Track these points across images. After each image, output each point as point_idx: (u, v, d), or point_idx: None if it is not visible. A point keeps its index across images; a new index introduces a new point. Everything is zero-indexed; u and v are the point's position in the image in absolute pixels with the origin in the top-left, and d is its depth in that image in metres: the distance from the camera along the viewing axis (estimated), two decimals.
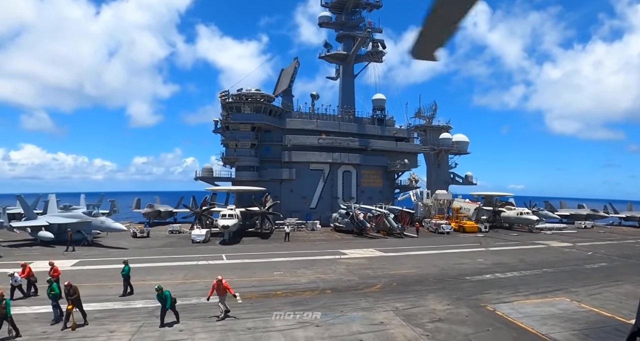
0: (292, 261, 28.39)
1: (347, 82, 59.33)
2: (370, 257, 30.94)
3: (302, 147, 52.29)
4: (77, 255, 30.79)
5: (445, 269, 27.17)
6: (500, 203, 55.68)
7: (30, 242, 37.42)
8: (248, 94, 49.85)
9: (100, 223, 35.03)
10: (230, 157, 50.63)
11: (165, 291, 15.36)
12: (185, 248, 34.38)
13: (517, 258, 32.28)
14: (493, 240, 42.54)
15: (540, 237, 46.39)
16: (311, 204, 53.62)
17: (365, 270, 26.16)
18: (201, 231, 37.51)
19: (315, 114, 54.74)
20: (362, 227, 42.30)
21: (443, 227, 47.51)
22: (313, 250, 33.95)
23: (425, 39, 2.81)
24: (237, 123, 50.29)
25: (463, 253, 34.19)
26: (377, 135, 56.54)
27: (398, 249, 34.84)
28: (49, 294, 16.16)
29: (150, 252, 32.16)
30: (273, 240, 40.10)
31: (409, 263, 28.72)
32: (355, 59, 59.47)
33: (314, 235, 44.81)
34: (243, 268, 25.52)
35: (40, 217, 39.88)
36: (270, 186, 50.40)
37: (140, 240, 39.19)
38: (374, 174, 56.52)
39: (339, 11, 60.65)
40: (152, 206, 54.70)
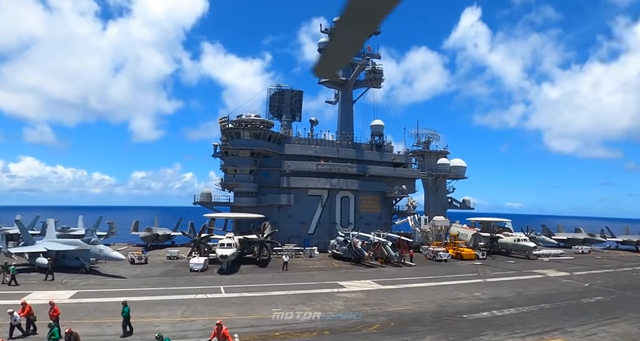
0: (290, 295, 28.44)
1: (346, 108, 60.29)
2: (368, 291, 31.01)
3: (301, 173, 52.76)
4: (74, 286, 30.74)
5: (443, 305, 27.29)
6: (498, 229, 55.96)
7: (27, 268, 37.36)
8: (248, 120, 50.58)
9: (98, 252, 35.10)
10: (229, 182, 50.99)
11: (165, 339, 15.51)
12: (183, 278, 34.36)
13: (515, 291, 32.44)
14: (490, 269, 42.64)
15: (538, 265, 46.54)
16: (309, 230, 53.78)
17: (363, 306, 26.25)
18: (199, 260, 37.55)
19: (314, 140, 55.44)
20: (360, 255, 42.40)
21: (441, 255, 47.65)
22: (311, 281, 34.00)
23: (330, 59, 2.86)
24: (236, 149, 50.86)
25: (460, 285, 34.30)
26: (376, 161, 57.14)
27: (396, 281, 34.91)
28: (49, 339, 16.27)
29: (148, 283, 32.12)
30: (271, 268, 40.11)
31: (406, 299, 28.83)
32: (354, 84, 60.53)
33: (312, 262, 44.81)
34: (241, 304, 25.59)
35: (38, 242, 39.86)
36: (269, 211, 50.64)
37: (138, 267, 39.16)
38: (372, 200, 56.90)
39: None
40: (150, 229, 54.71)
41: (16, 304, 24.64)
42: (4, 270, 31.68)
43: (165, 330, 19.90)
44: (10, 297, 27.02)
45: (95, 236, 42.16)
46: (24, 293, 27.89)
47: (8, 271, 31.27)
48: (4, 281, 31.18)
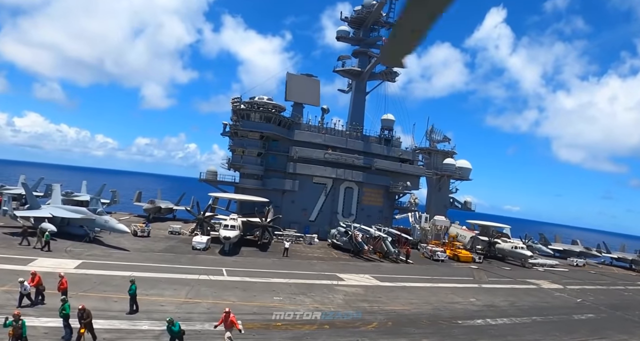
0: (291, 284, 28.91)
1: (359, 99, 59.94)
2: (367, 286, 31.50)
3: (308, 160, 52.85)
4: (79, 255, 31.17)
5: (439, 308, 27.81)
6: (497, 234, 56.45)
7: (31, 232, 37.76)
8: (260, 103, 50.37)
9: (104, 222, 35.43)
10: (237, 163, 51.13)
11: (175, 324, 15.88)
12: (186, 256, 34.81)
13: (509, 300, 32.96)
14: (486, 274, 43.22)
15: (532, 274, 47.14)
16: (311, 217, 54.23)
17: (362, 302, 26.76)
18: (202, 238, 37.98)
19: (324, 128, 55.30)
20: (359, 248, 42.90)
21: (438, 255, 48.21)
22: (311, 271, 34.49)
23: (395, 47, 2.88)
24: (246, 131, 50.78)
25: (456, 289, 34.81)
26: (383, 154, 57.17)
27: (393, 278, 35.40)
28: (61, 313, 16.63)
29: (151, 258, 32.59)
30: (271, 253, 40.61)
31: (403, 298, 29.34)
32: (369, 76, 59.97)
33: (312, 250, 45.35)
34: (244, 289, 26.04)
35: (44, 207, 40.12)
36: (272, 196, 50.94)
37: (141, 241, 39.61)
38: (375, 193, 57.19)
39: (358, 27, 61.13)
40: (153, 202, 55.08)
41: (23, 270, 25.27)
42: (40, 234, 32.13)
43: (170, 311, 20.37)
44: (17, 262, 27.45)
45: (100, 205, 42.47)
46: (30, 259, 28.37)
47: (42, 237, 31.65)
48: (36, 246, 31.68)
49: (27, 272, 25.05)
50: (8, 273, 24.67)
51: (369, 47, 60.56)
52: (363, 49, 60.31)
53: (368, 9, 58.35)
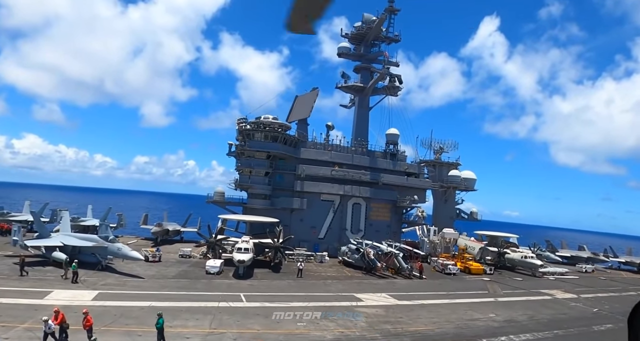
0: (311, 307, 28.65)
1: (362, 114, 60.34)
2: (386, 306, 31.29)
3: (315, 178, 52.87)
4: (93, 284, 30.83)
5: (461, 326, 27.66)
6: (506, 244, 56.39)
7: (41, 260, 37.36)
8: (266, 123, 50.60)
9: (116, 250, 35.11)
10: (244, 184, 51.09)
11: None
12: (201, 281, 34.51)
13: (527, 314, 32.81)
14: (500, 287, 43.04)
15: (544, 284, 46.98)
16: (319, 234, 54.00)
17: (385, 324, 26.54)
18: (215, 262, 37.67)
19: (329, 145, 55.51)
20: (372, 265, 42.70)
21: (450, 268, 48.04)
22: (328, 292, 34.21)
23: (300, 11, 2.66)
24: (252, 151, 50.88)
25: (474, 304, 34.63)
26: (389, 169, 57.31)
27: (410, 296, 35.19)
28: None
29: (167, 285, 32.26)
30: (285, 274, 40.30)
31: (424, 317, 29.13)
32: (371, 91, 60.45)
33: (324, 269, 45.08)
34: (266, 315, 25.77)
35: (54, 235, 39.82)
36: (281, 214, 50.79)
37: (153, 266, 39.22)
38: (383, 208, 57.16)
39: (358, 43, 61.88)
40: (160, 225, 54.75)
41: (40, 304, 24.98)
42: (66, 265, 31.93)
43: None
44: (33, 295, 27.06)
45: (110, 232, 42.14)
46: (46, 292, 28.01)
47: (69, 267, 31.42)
48: (64, 277, 31.45)
49: (45, 306, 24.87)
50: (27, 309, 24.33)
51: (371, 63, 61.24)
52: (364, 64, 60.95)
53: (368, 24, 59.15)
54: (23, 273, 31.87)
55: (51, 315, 19.87)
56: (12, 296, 26.31)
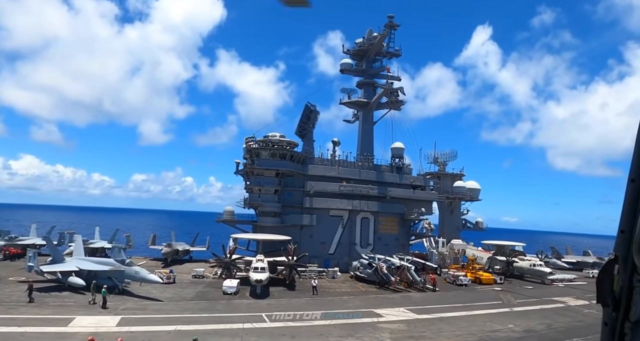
0: (335, 325, 28.89)
1: (367, 129, 61.24)
2: (407, 321, 31.53)
3: (324, 194, 53.38)
4: (115, 310, 30.80)
5: (484, 339, 28.01)
6: (513, 252, 56.89)
7: (55, 286, 37.20)
8: (274, 141, 51.28)
9: (134, 274, 35.17)
10: (255, 202, 51.47)
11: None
12: (220, 302, 34.61)
13: (544, 322, 33.19)
14: (512, 296, 43.39)
15: (555, 291, 47.35)
16: (330, 250, 54.23)
17: (409, 339, 26.87)
18: (232, 282, 37.81)
19: (336, 161, 56.19)
20: (386, 280, 42.96)
21: (461, 279, 48.38)
22: (347, 309, 34.31)
23: None
24: (261, 169, 51.42)
25: (491, 315, 34.99)
26: (395, 183, 57.97)
27: (428, 309, 35.42)
28: None
29: (188, 308, 32.35)
30: (300, 291, 40.42)
31: (446, 331, 29.42)
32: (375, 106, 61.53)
33: (337, 285, 45.24)
34: (292, 336, 25.96)
35: (68, 260, 39.78)
36: (291, 231, 51.08)
37: (169, 288, 39.17)
38: (391, 221, 57.61)
39: (360, 59, 63.16)
40: (170, 245, 54.78)
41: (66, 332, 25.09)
42: (94, 290, 31.97)
43: None
44: (57, 323, 26.99)
45: (124, 255, 42.18)
46: (69, 319, 27.94)
47: (98, 292, 31.57)
48: (91, 302, 31.52)
49: (71, 334, 25.00)
50: (54, 337, 24.39)
51: (373, 78, 62.43)
52: (367, 80, 62.12)
53: (369, 40, 60.48)
54: (30, 299, 31.60)
55: None
56: (37, 325, 26.18)
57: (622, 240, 2.16)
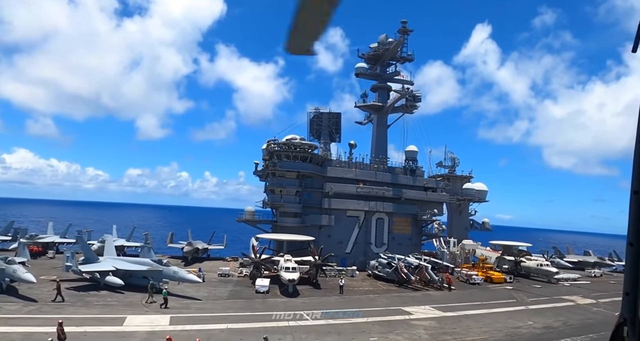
0: (371, 322, 30.78)
1: (381, 132, 63.13)
2: (436, 318, 33.54)
3: (341, 195, 55.20)
4: (159, 309, 31.94)
5: (510, 335, 30.13)
6: (521, 252, 59.36)
7: (89, 284, 38.24)
8: (297, 144, 52.90)
9: (173, 273, 36.39)
10: (277, 203, 53.11)
11: None
12: (255, 300, 36.25)
13: (560, 320, 35.43)
14: (525, 295, 45.75)
15: (562, 291, 49.81)
16: (346, 249, 56.13)
17: (444, 335, 28.85)
18: (264, 281, 39.41)
19: (353, 163, 58.05)
20: (407, 279, 44.97)
21: (474, 278, 50.64)
22: (376, 307, 36.19)
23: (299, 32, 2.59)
24: (283, 171, 53.02)
25: (510, 312, 37.19)
26: (409, 185, 60.02)
27: (451, 307, 37.51)
28: None
29: (228, 306, 33.81)
30: (327, 290, 42.21)
31: (474, 327, 31.48)
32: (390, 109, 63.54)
33: (358, 283, 47.13)
34: (338, 333, 27.75)
35: (101, 259, 40.88)
36: (310, 231, 52.85)
37: (202, 287, 40.45)
38: (404, 222, 59.70)
39: (374, 63, 64.87)
40: (191, 244, 56.25)
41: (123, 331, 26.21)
42: (151, 290, 33.22)
43: None
44: (111, 322, 27.82)
45: (153, 254, 43.50)
46: (120, 318, 29.11)
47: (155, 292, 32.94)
48: (148, 302, 32.81)
49: (130, 333, 26.15)
50: (114, 337, 25.37)
51: (386, 82, 64.24)
52: (381, 84, 63.92)
53: (384, 46, 62.17)
54: (62, 298, 32.19)
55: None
56: (93, 324, 27.07)
57: (628, 303, 2.12)
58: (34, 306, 30.79)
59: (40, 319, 27.66)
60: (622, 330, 2.16)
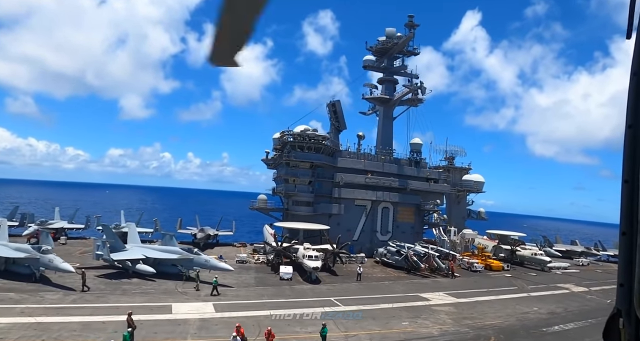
0: (397, 308, 33.30)
1: (387, 125, 65.11)
2: (453, 304, 36.38)
3: (351, 185, 57.30)
4: (196, 296, 33.47)
5: (521, 319, 33.15)
6: (516, 242, 63.14)
7: (115, 272, 39.13)
8: (311, 136, 54.37)
9: (204, 262, 37.71)
10: (290, 192, 54.84)
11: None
12: (283, 287, 38.22)
13: (560, 306, 38.70)
14: (525, 283, 49.29)
15: (556, 279, 53.59)
16: (354, 237, 58.58)
17: (465, 319, 31.62)
18: (288, 269, 41.33)
19: (362, 154, 60.06)
20: (416, 266, 47.78)
21: (475, 266, 53.99)
22: (395, 293, 38.81)
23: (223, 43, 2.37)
24: (297, 161, 54.57)
25: (515, 299, 40.41)
26: (413, 176, 62.57)
27: (463, 294, 40.43)
28: None
29: (260, 293, 35.52)
30: (345, 277, 44.48)
31: (488, 312, 34.41)
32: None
33: (369, 270, 49.62)
34: (372, 317, 30.09)
35: (127, 247, 41.71)
36: (321, 219, 54.95)
37: (227, 274, 41.50)
38: (408, 211, 62.46)
39: (381, 56, 66.25)
40: (203, 230, 57.57)
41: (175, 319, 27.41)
42: (197, 278, 34.76)
43: None
44: (159, 310, 28.68)
45: (176, 243, 44.43)
46: (166, 306, 30.31)
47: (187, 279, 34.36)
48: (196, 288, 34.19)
49: (184, 321, 27.34)
50: (170, 324, 26.31)
51: (393, 75, 65.92)
52: (388, 76, 65.55)
53: (391, 39, 63.56)
54: (87, 287, 32.64)
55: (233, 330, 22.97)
56: (144, 313, 27.58)
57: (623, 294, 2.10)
58: (76, 295, 31.57)
59: (89, 308, 28.59)
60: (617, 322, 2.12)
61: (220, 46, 2.47)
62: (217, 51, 2.49)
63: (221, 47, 2.48)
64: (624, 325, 2.08)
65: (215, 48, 2.46)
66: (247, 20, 2.33)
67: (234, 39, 2.45)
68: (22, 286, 32.99)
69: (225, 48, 2.48)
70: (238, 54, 2.50)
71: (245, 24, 2.36)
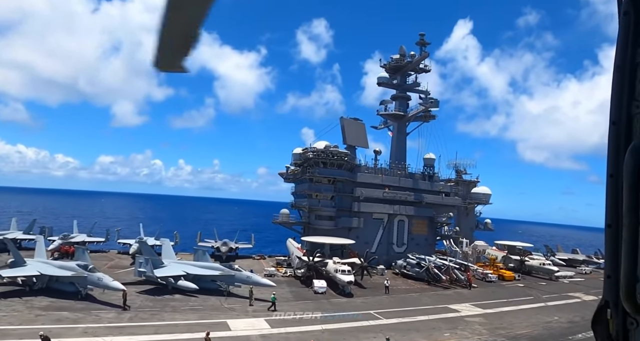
0: (434, 320, 35.52)
1: (400, 140, 67.84)
2: (482, 315, 38.75)
3: (369, 199, 59.66)
4: (245, 312, 34.95)
5: (547, 328, 35.68)
6: (525, 252, 66.09)
7: (155, 288, 40.19)
8: (334, 152, 56.70)
9: (246, 278, 39.13)
10: (314, 207, 56.94)
11: None
12: (321, 301, 40.03)
13: (578, 315, 41.13)
14: (539, 293, 51.99)
15: (566, 288, 56.50)
16: (371, 249, 60.73)
17: (498, 329, 34.01)
18: (321, 283, 43.17)
19: (379, 169, 62.60)
20: (437, 278, 50.15)
21: (490, 277, 56.60)
22: (425, 305, 41.00)
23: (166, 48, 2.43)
24: (320, 177, 56.77)
25: (536, 309, 43.00)
26: (427, 189, 65.26)
27: (488, 304, 42.82)
28: None
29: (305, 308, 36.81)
30: (374, 289, 46.53)
31: (516, 322, 36.82)
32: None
33: (392, 282, 51.47)
34: (417, 329, 32.25)
35: (165, 263, 42.90)
36: (340, 233, 57.12)
37: (262, 289, 43.14)
38: (422, 224, 65.04)
39: (394, 73, 69.15)
40: (226, 244, 59.06)
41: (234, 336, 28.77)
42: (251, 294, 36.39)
43: None
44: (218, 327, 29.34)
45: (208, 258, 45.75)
46: (222, 322, 31.12)
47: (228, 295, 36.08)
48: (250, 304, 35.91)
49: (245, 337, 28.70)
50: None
51: (405, 92, 68.89)
52: (401, 93, 68.51)
53: (404, 57, 66.61)
54: (126, 307, 33.00)
55: None
56: (201, 330, 27.94)
57: (610, 286, 2.12)
58: (131, 313, 32.50)
59: (151, 326, 29.59)
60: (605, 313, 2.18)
61: (165, 51, 2.41)
62: (162, 56, 2.43)
63: (166, 52, 2.43)
64: (611, 316, 2.14)
65: (159, 53, 2.40)
66: (191, 24, 2.29)
67: (178, 43, 2.39)
68: (72, 305, 33.67)
69: (170, 53, 2.43)
70: (184, 59, 2.43)
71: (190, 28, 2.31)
